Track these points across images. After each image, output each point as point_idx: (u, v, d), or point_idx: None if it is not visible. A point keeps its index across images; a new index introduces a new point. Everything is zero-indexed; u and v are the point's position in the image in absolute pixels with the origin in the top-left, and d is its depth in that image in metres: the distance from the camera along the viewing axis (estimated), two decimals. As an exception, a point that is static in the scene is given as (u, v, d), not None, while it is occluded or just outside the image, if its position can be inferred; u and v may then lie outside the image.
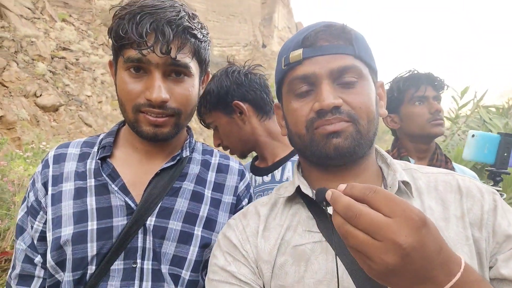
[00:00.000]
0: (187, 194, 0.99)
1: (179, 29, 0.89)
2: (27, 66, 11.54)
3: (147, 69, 0.90)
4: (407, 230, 0.46)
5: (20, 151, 8.20)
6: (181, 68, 0.92)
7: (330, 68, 0.75)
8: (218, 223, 1.00)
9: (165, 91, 0.90)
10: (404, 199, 0.53)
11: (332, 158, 0.75)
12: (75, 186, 0.95)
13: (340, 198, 0.52)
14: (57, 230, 0.90)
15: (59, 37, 14.58)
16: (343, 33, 0.77)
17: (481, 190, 0.75)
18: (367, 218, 0.48)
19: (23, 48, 12.11)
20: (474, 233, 0.70)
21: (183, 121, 0.98)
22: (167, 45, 0.87)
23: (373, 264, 0.49)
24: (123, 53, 0.89)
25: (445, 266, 0.49)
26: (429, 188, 0.78)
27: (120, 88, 0.94)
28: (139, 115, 0.92)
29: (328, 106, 0.72)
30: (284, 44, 0.86)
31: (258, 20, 48.93)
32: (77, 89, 12.83)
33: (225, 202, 1.03)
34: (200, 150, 1.12)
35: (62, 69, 13.17)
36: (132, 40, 0.86)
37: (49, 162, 1.00)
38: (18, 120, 9.40)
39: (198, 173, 1.04)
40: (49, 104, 11.02)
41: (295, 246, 0.75)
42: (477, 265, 0.67)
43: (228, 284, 0.75)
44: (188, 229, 0.95)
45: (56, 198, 0.94)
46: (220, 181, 1.06)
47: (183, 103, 0.94)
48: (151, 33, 0.86)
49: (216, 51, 39.84)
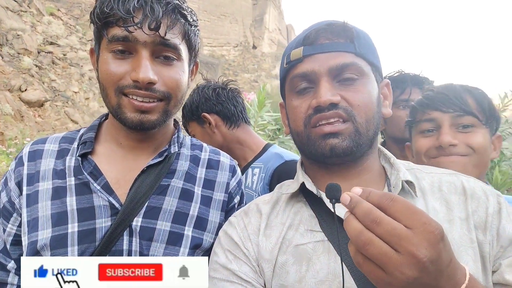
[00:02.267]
0: (176, 192, 0.93)
1: (169, 7, 0.84)
2: (12, 59, 11.25)
3: (133, 49, 0.83)
4: (427, 243, 0.47)
5: (3, 146, 7.99)
6: (170, 49, 0.86)
7: (329, 66, 0.75)
8: (209, 222, 0.95)
9: (153, 72, 0.83)
10: (409, 200, 0.53)
11: (328, 157, 0.75)
12: (53, 185, 0.88)
13: (360, 202, 0.51)
14: (34, 233, 0.83)
15: (46, 31, 14.25)
16: (344, 31, 0.77)
17: (486, 192, 0.75)
18: (388, 227, 0.48)
19: (8, 41, 11.79)
20: (478, 235, 0.70)
21: (172, 107, 0.91)
22: (156, 21, 0.81)
23: (388, 277, 0.48)
24: (107, 32, 0.83)
25: (452, 278, 0.50)
26: (433, 188, 0.77)
27: (102, 70, 0.86)
28: (123, 98, 0.85)
29: (325, 102, 0.73)
30: (288, 44, 0.87)
31: (249, 21, 48.88)
32: (64, 85, 12.56)
33: (216, 200, 0.99)
34: (189, 145, 1.06)
35: (49, 64, 12.88)
36: (118, 17, 0.80)
37: (24, 159, 0.92)
38: (2, 115, 9.15)
39: (187, 170, 0.98)
40: (34, 99, 10.76)
41: (297, 245, 0.75)
42: (480, 268, 0.67)
43: (229, 282, 0.75)
44: (177, 229, 0.90)
45: (32, 199, 0.87)
46: (210, 178, 1.01)
47: (173, 87, 0.88)
48: (139, 9, 0.81)
49: (206, 51, 39.62)
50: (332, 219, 0.75)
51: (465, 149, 1.11)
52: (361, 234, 0.50)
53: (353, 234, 0.51)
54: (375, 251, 0.48)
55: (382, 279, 0.49)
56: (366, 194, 0.52)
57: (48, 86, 11.83)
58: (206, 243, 0.93)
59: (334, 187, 0.60)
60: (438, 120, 1.16)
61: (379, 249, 0.48)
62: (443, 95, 1.16)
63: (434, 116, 1.17)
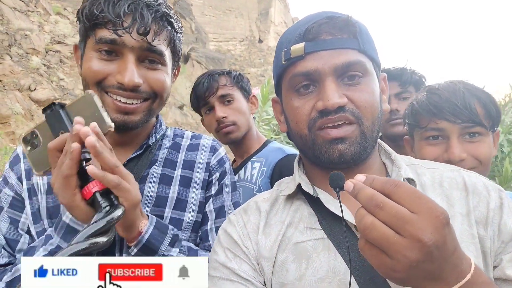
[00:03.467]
0: (155, 178, 0.98)
1: (158, 14, 0.87)
2: (21, 59, 11.38)
3: (119, 52, 0.86)
4: (432, 228, 0.46)
5: (14, 145, 8.13)
6: (156, 54, 0.89)
7: (334, 64, 0.71)
8: (188, 202, 0.99)
9: (138, 76, 0.86)
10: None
11: (336, 163, 0.73)
12: (47, 180, 0.93)
13: (364, 188, 0.51)
14: (39, 223, 0.91)
15: (53, 30, 14.36)
16: (347, 26, 0.73)
17: (487, 187, 0.73)
18: (392, 210, 0.47)
19: (17, 41, 11.92)
20: (480, 231, 0.69)
21: (156, 107, 0.95)
22: (145, 27, 0.83)
23: (391, 261, 0.48)
24: (95, 33, 0.85)
25: (457, 267, 0.49)
26: (434, 184, 0.76)
27: (86, 67, 0.88)
28: (106, 97, 0.87)
29: (332, 106, 0.70)
30: (283, 36, 0.81)
31: (254, 15, 48.60)
32: (72, 83, 12.68)
33: (196, 180, 1.02)
34: (171, 135, 1.10)
35: (57, 63, 13.00)
36: (107, 20, 0.82)
37: (20, 157, 0.98)
38: (12, 114, 9.29)
39: (166, 156, 1.02)
40: (43, 98, 10.88)
41: (296, 243, 0.74)
42: (482, 264, 0.67)
43: (229, 281, 0.74)
44: (158, 212, 0.95)
45: (32, 192, 0.93)
46: (190, 159, 1.04)
47: (158, 88, 0.92)
48: (129, 14, 0.83)
49: (212, 46, 39.57)
50: (331, 217, 0.74)
51: (473, 162, 1.12)
52: (363, 218, 0.49)
53: (356, 220, 0.50)
54: (378, 235, 0.48)
55: (385, 263, 0.48)
56: (370, 181, 0.52)
57: (56, 85, 11.95)
58: (186, 223, 0.98)
59: (337, 176, 0.60)
60: (447, 131, 1.15)
61: (382, 233, 0.47)
62: (452, 104, 1.12)
63: (442, 126, 1.15)
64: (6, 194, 0.94)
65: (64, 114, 0.75)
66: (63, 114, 0.75)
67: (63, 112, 0.75)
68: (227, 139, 1.64)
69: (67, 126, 0.74)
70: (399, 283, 0.51)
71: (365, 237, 0.50)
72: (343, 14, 0.75)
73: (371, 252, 0.50)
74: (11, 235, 0.91)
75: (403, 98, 1.72)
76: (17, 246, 0.91)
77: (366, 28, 0.78)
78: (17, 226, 0.93)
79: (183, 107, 17.96)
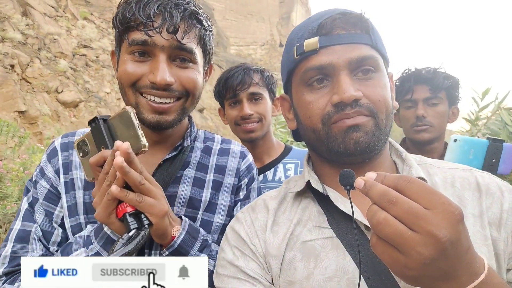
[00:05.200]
0: (189, 180, 1.00)
1: (186, 12, 0.88)
2: (49, 63, 11.86)
3: (151, 53, 0.88)
4: (446, 224, 0.44)
5: (42, 145, 8.44)
6: (186, 53, 0.90)
7: (348, 58, 0.71)
8: (218, 205, 1.01)
9: (169, 74, 0.88)
10: None
11: (351, 154, 0.72)
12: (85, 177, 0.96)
13: (375, 184, 0.50)
14: (74, 217, 0.93)
15: (80, 34, 14.91)
16: (361, 22, 0.73)
17: (501, 188, 0.71)
18: (405, 206, 0.46)
19: (46, 45, 12.44)
20: (493, 233, 0.66)
21: (189, 105, 0.96)
22: (174, 26, 0.85)
23: (404, 258, 0.46)
24: (128, 36, 0.88)
25: (470, 266, 0.47)
26: (445, 184, 0.74)
27: (121, 70, 0.91)
28: (140, 98, 0.90)
29: (349, 99, 0.69)
30: (293, 32, 0.81)
31: (275, 19, 48.82)
32: (97, 86, 13.10)
33: (227, 184, 1.05)
34: (202, 138, 1.12)
35: (83, 66, 13.48)
36: (139, 22, 0.85)
37: (57, 150, 1.00)
38: (40, 115, 9.68)
39: (199, 160, 1.05)
40: (69, 100, 11.30)
41: (304, 242, 0.73)
42: (495, 266, 0.64)
43: (236, 279, 0.74)
44: (191, 213, 0.97)
45: (69, 186, 0.95)
46: (221, 163, 1.07)
47: (190, 86, 0.93)
48: (158, 15, 0.85)
49: (233, 50, 40.00)
50: (340, 215, 0.72)
51: None
52: (376, 214, 0.48)
53: (368, 216, 0.49)
54: (391, 230, 0.46)
55: (398, 260, 0.47)
56: (381, 178, 0.50)
57: (82, 87, 12.38)
58: (216, 225, 1.00)
59: (348, 174, 0.58)
60: None
61: (394, 228, 0.46)
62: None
63: None
64: (42, 186, 0.96)
65: (105, 128, 0.81)
66: (104, 129, 0.81)
67: (104, 126, 0.81)
68: (248, 136, 1.64)
69: (107, 141, 0.80)
70: (411, 282, 0.49)
71: (377, 233, 0.48)
72: (355, 11, 0.75)
73: (383, 249, 0.48)
74: (46, 227, 0.93)
75: (432, 104, 1.64)
76: (51, 238, 0.93)
77: (375, 26, 0.77)
78: (51, 218, 0.94)
79: (203, 110, 18.18)
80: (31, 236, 0.91)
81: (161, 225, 0.79)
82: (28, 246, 0.90)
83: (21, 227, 0.92)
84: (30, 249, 0.90)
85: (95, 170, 0.79)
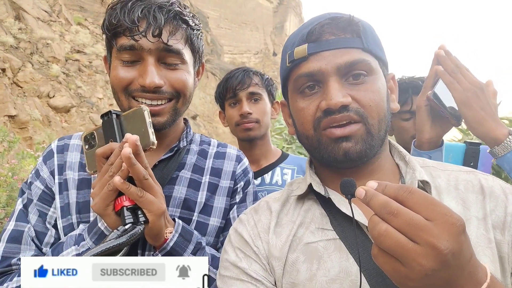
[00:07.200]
0: (185, 181, 1.00)
1: (170, 14, 0.90)
2: (41, 67, 11.77)
3: (140, 57, 0.90)
4: (448, 235, 0.44)
5: (31, 150, 8.32)
6: (174, 54, 0.91)
7: (337, 64, 0.71)
8: (214, 207, 1.01)
9: (158, 77, 0.89)
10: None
11: (341, 162, 0.72)
12: (79, 177, 0.96)
13: (376, 195, 0.50)
14: (66, 218, 0.93)
15: (74, 40, 14.86)
16: (350, 25, 0.73)
17: (505, 191, 0.71)
18: (406, 217, 0.46)
19: (38, 50, 12.36)
20: (497, 235, 0.66)
21: (181, 106, 0.97)
22: (159, 28, 0.87)
23: (405, 269, 0.46)
24: (116, 42, 0.90)
25: (472, 276, 0.47)
26: (449, 187, 0.74)
27: (112, 75, 0.93)
28: (133, 102, 0.92)
29: (335, 105, 0.69)
30: (288, 39, 0.82)
31: (269, 28, 49.32)
32: (89, 91, 13.02)
33: (223, 187, 1.05)
34: (198, 141, 1.13)
35: (76, 71, 13.40)
36: (125, 27, 0.87)
37: (54, 152, 1.01)
38: (31, 120, 9.56)
39: (195, 162, 1.05)
40: (61, 105, 11.19)
41: (307, 243, 0.73)
42: (499, 269, 0.64)
43: (239, 280, 0.73)
44: (186, 215, 0.97)
45: (63, 187, 0.96)
46: (217, 166, 1.07)
47: (180, 87, 0.94)
48: (143, 19, 0.87)
49: (227, 58, 40.17)
50: (343, 217, 0.72)
51: None
52: (377, 226, 0.48)
53: (369, 227, 0.49)
54: (392, 242, 0.46)
55: (399, 271, 0.47)
56: (382, 188, 0.50)
57: (74, 92, 12.29)
58: (211, 227, 1.00)
59: (348, 183, 0.58)
60: None
61: (396, 240, 0.45)
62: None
63: None
64: (36, 187, 0.96)
65: (117, 123, 0.83)
66: (115, 123, 0.83)
67: (116, 121, 0.83)
68: (246, 135, 1.66)
69: (116, 135, 0.81)
70: None
71: (379, 245, 0.48)
72: (346, 14, 0.75)
73: (384, 259, 0.48)
74: (39, 227, 0.92)
75: None
76: (44, 239, 0.92)
77: (371, 27, 0.77)
78: (45, 219, 0.94)
79: (196, 117, 18.15)
80: (23, 236, 0.90)
81: (157, 224, 0.79)
82: (20, 247, 0.89)
83: (14, 227, 0.91)
84: (22, 249, 0.89)
85: (100, 161, 0.79)
